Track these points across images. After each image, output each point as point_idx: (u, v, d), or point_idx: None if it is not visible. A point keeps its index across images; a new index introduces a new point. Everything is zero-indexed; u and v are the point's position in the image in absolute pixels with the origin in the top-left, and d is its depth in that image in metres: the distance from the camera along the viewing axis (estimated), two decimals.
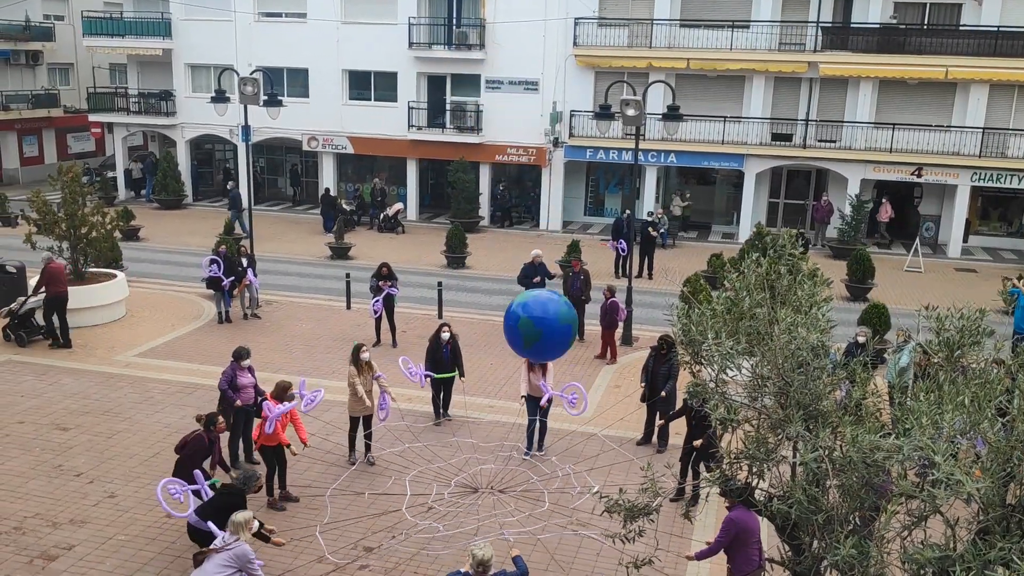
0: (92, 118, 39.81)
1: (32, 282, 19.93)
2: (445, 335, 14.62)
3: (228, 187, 34.17)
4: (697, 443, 11.68)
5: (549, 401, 13.26)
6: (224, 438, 12.11)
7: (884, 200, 31.88)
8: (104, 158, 43.99)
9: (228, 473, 11.47)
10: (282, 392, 11.67)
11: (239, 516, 8.73)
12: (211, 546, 8.73)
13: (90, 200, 20.23)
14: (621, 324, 18.92)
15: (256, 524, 9.03)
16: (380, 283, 18.36)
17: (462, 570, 8.01)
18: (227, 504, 9.31)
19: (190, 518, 9.83)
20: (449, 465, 13.08)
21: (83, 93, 42.69)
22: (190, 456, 10.57)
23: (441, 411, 14.79)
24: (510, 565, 8.42)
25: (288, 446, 11.76)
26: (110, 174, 39.24)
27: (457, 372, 14.73)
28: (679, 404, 13.09)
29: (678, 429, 13.03)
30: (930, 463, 5.59)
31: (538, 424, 13.53)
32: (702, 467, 11.78)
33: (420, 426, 14.46)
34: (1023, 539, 5.61)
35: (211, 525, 9.20)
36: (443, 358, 14.50)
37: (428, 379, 14.27)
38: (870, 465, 5.97)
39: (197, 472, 10.22)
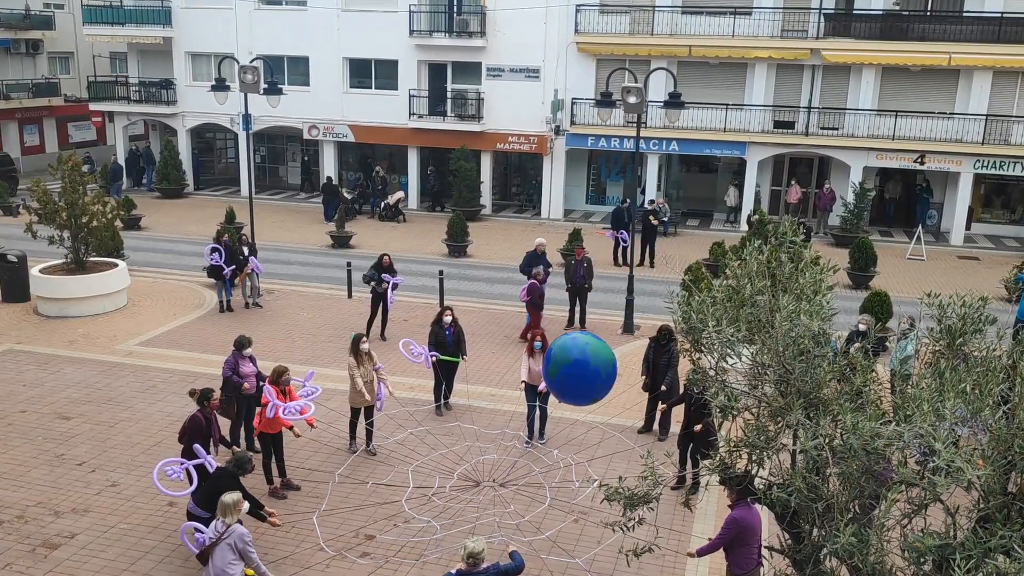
0: (93, 107, 39.71)
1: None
2: (448, 318, 14.63)
3: (111, 161, 34.72)
4: (697, 428, 11.68)
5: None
6: (225, 426, 12.17)
7: (793, 182, 32.18)
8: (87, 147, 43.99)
9: (229, 449, 11.53)
10: (278, 376, 11.69)
11: (227, 498, 8.74)
12: (205, 537, 8.76)
13: (90, 189, 20.23)
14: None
15: (246, 505, 9.00)
16: (383, 277, 18.02)
17: (453, 572, 8.10)
18: (221, 488, 9.33)
19: (189, 506, 9.87)
20: (451, 452, 13.08)
21: (83, 82, 42.59)
22: (190, 439, 10.61)
23: (442, 400, 14.79)
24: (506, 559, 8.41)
25: (291, 428, 11.72)
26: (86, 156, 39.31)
27: (461, 356, 14.74)
28: (680, 391, 13.10)
29: (678, 417, 13.02)
30: (931, 450, 5.57)
31: (538, 412, 13.54)
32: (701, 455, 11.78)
33: (422, 412, 14.47)
34: None
35: (200, 526, 9.12)
36: (446, 342, 14.49)
37: (434, 360, 14.14)
38: (870, 453, 5.95)
39: (197, 446, 10.22)
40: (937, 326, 6.56)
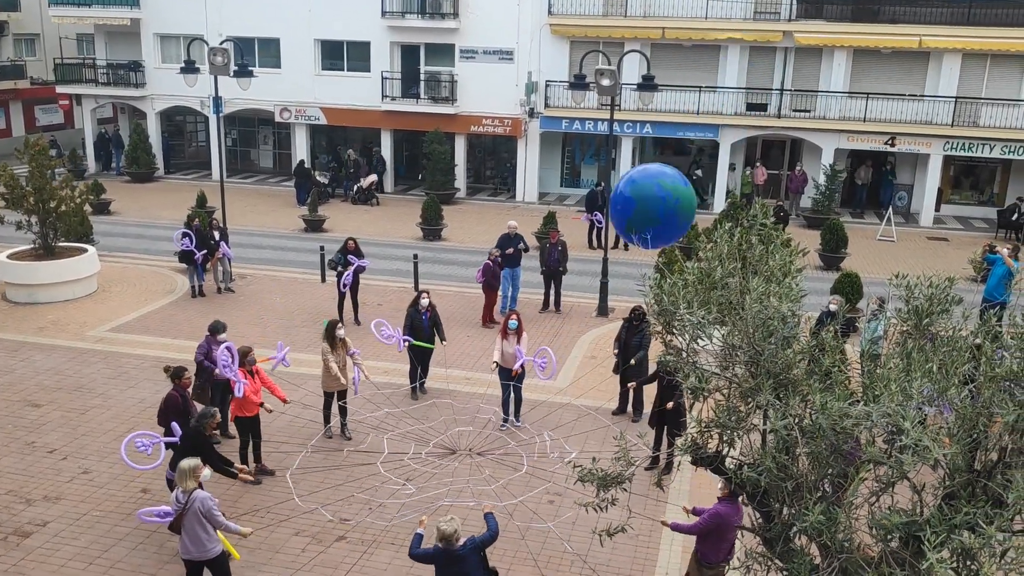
0: (60, 90, 39.02)
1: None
2: (425, 301, 14.59)
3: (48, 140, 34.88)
4: (669, 405, 11.82)
5: (522, 367, 13.25)
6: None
7: (758, 164, 32.65)
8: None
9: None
10: (243, 357, 11.70)
11: (185, 464, 8.69)
12: (170, 510, 8.75)
13: (58, 173, 19.93)
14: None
15: (206, 472, 8.93)
16: (350, 259, 17.88)
17: (421, 532, 8.19)
18: (195, 448, 9.40)
19: (168, 474, 9.87)
20: (429, 428, 13.13)
21: (50, 64, 41.83)
22: (167, 418, 10.59)
23: (418, 384, 14.78)
24: (481, 525, 8.44)
25: (262, 404, 11.78)
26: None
27: (438, 338, 14.73)
28: (651, 372, 13.22)
29: (651, 397, 13.10)
30: (898, 429, 5.64)
31: (512, 395, 13.58)
32: (674, 436, 11.88)
33: (398, 395, 14.46)
34: (988, 504, 5.70)
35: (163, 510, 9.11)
36: (423, 326, 14.47)
37: (407, 344, 14.08)
38: (839, 432, 6.02)
39: (174, 424, 10.20)
40: (905, 307, 6.62)
